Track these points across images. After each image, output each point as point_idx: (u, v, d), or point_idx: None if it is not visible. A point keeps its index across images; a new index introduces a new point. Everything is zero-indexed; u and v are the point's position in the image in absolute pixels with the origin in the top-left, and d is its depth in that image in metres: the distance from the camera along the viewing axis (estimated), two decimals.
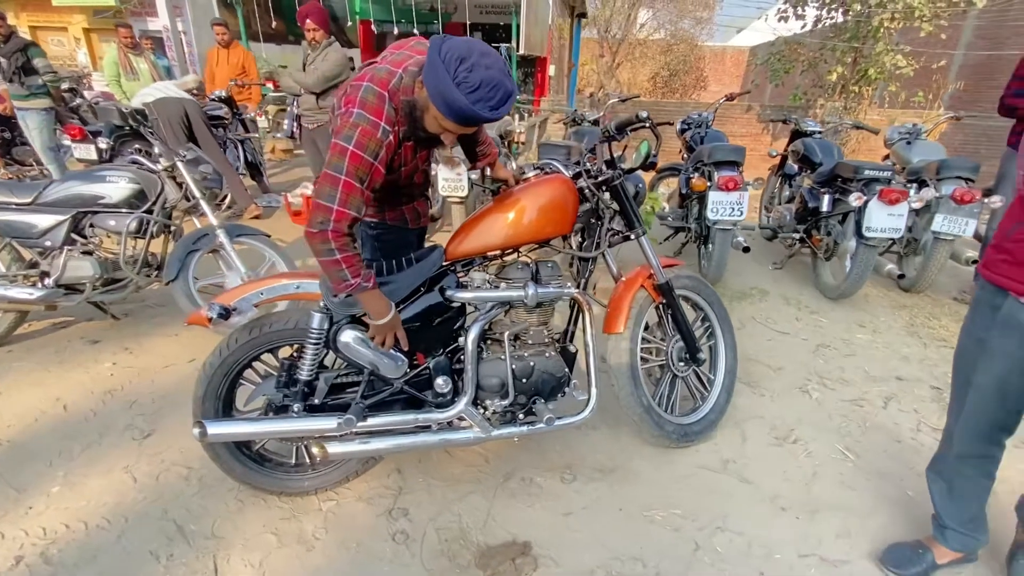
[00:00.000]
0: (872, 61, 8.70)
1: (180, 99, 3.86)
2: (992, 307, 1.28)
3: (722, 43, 23.82)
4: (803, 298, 3.46)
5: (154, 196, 2.56)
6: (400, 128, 1.38)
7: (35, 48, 4.40)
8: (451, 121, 1.29)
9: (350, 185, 1.29)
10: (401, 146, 1.44)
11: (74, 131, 3.77)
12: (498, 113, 1.27)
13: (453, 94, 1.21)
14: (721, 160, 3.06)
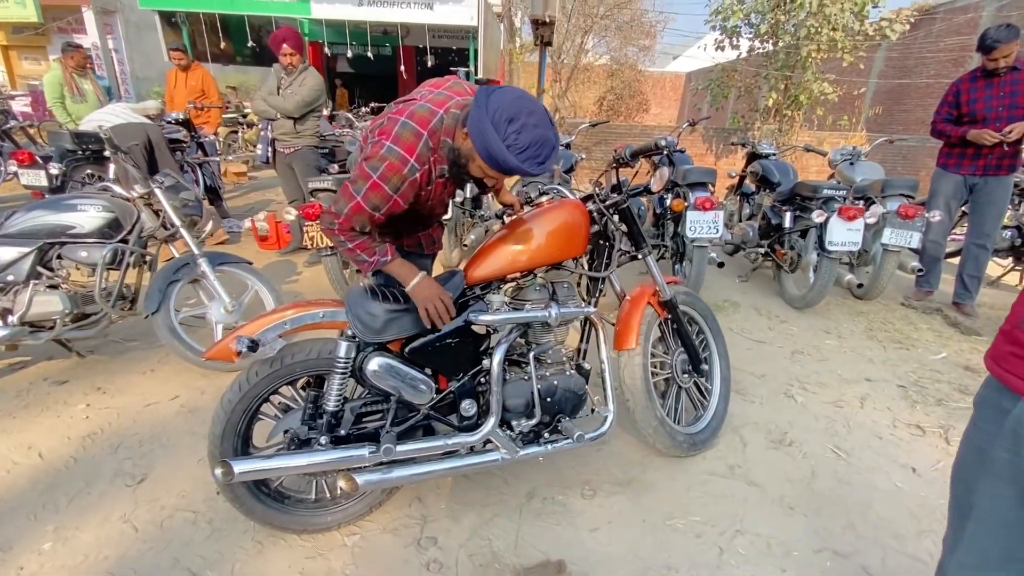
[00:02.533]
0: (801, 88, 9.48)
1: (142, 124, 3.68)
2: (999, 410, 0.92)
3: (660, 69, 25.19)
4: (772, 308, 3.69)
5: (130, 225, 2.42)
6: (436, 166, 1.41)
7: None
8: (494, 170, 1.33)
9: (360, 207, 1.37)
10: (432, 182, 1.46)
11: (22, 156, 3.49)
12: (544, 168, 1.31)
13: (504, 155, 1.24)
14: (694, 182, 3.25)
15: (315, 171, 3.80)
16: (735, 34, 9.87)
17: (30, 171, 3.47)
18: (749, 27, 9.64)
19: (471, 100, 1.36)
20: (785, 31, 8.92)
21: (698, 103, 18.82)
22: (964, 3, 11.26)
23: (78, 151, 3.74)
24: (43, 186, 3.52)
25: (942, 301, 3.86)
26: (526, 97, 1.28)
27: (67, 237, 2.30)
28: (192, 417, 2.18)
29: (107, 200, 2.38)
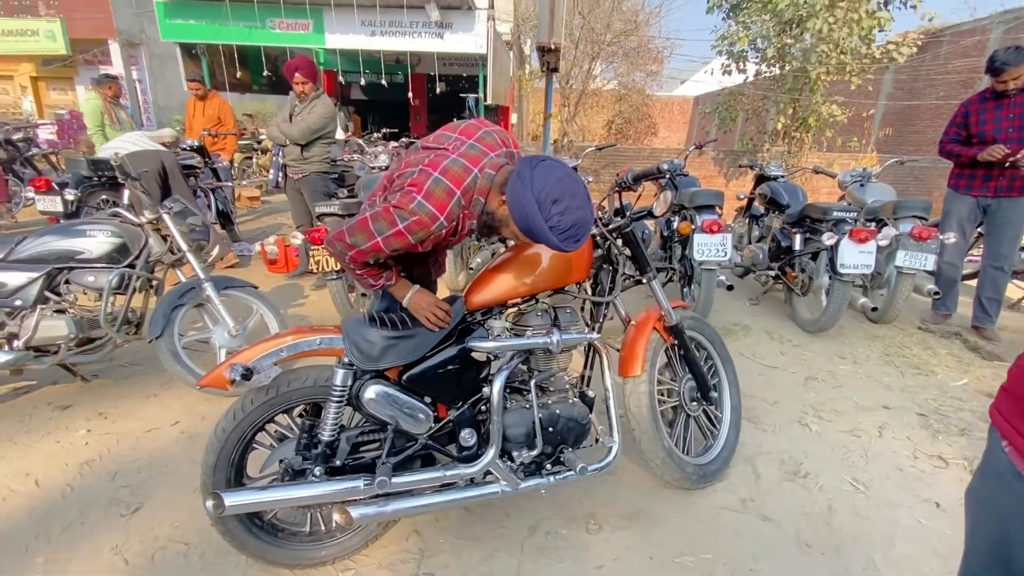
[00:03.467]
0: (810, 111, 9.49)
1: (157, 151, 3.76)
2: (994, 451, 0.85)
3: (668, 93, 25.51)
4: (784, 332, 3.61)
5: (137, 250, 2.44)
6: (465, 221, 1.42)
7: None
8: (535, 239, 1.31)
9: (379, 248, 1.36)
10: (458, 234, 1.46)
11: (39, 183, 3.58)
12: (578, 245, 1.31)
13: (545, 235, 1.25)
14: (701, 204, 3.23)
15: (323, 196, 3.84)
16: (742, 59, 9.96)
17: (46, 197, 3.56)
18: (755, 51, 9.72)
19: (505, 159, 1.43)
20: (792, 55, 8.98)
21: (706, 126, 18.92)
22: (971, 26, 11.29)
23: (93, 177, 3.83)
24: (58, 211, 3.60)
25: (961, 325, 3.75)
26: (570, 177, 1.27)
27: (75, 262, 2.33)
28: (192, 444, 2.15)
29: (116, 226, 2.41)
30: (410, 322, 1.52)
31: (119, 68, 14.88)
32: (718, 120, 11.37)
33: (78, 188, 3.68)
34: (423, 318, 1.50)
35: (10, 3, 14.35)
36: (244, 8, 7.21)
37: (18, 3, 14.56)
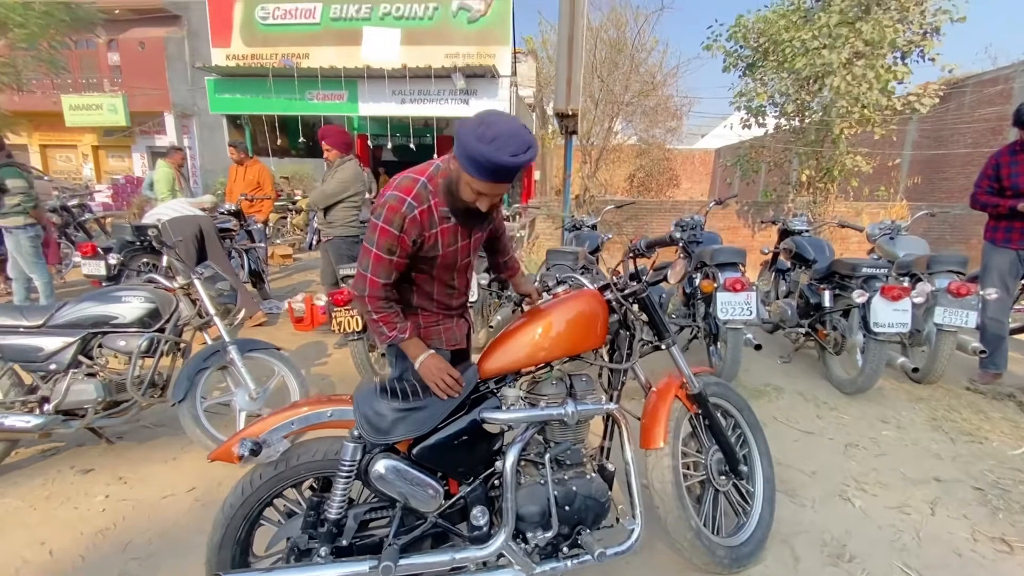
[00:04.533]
0: (834, 161, 9.46)
1: (195, 217, 3.99)
2: None
3: (689, 147, 25.96)
4: (819, 393, 3.42)
5: (168, 314, 2.53)
6: (437, 209, 1.52)
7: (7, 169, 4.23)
8: (480, 180, 1.39)
9: (379, 257, 1.49)
10: (436, 225, 1.54)
11: (86, 248, 3.82)
12: (519, 160, 1.35)
13: (477, 149, 1.33)
14: (724, 262, 3.18)
15: (346, 259, 3.93)
16: (760, 113, 10.12)
17: (91, 262, 3.78)
18: (774, 106, 9.87)
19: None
20: (813, 110, 9.08)
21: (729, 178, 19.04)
22: (993, 75, 11.26)
23: (136, 242, 4.07)
24: (101, 275, 3.81)
25: (1014, 384, 3.50)
26: (498, 111, 1.44)
27: (109, 327, 2.42)
28: (204, 512, 2.12)
29: (149, 291, 2.52)
30: (421, 392, 1.50)
31: (172, 137, 16.18)
32: (740, 172, 11.44)
33: (121, 252, 3.91)
34: (433, 384, 1.50)
35: (79, 81, 15.93)
36: (285, 82, 7.80)
37: (86, 81, 16.16)
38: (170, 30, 15.62)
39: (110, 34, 15.14)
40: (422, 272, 1.66)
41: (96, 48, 15.79)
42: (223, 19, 8.13)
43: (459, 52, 8.09)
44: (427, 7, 7.99)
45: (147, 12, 15.18)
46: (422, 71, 7.69)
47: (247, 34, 8.15)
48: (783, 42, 9.17)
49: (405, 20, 8.04)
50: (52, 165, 17.47)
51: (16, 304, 2.49)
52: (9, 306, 2.43)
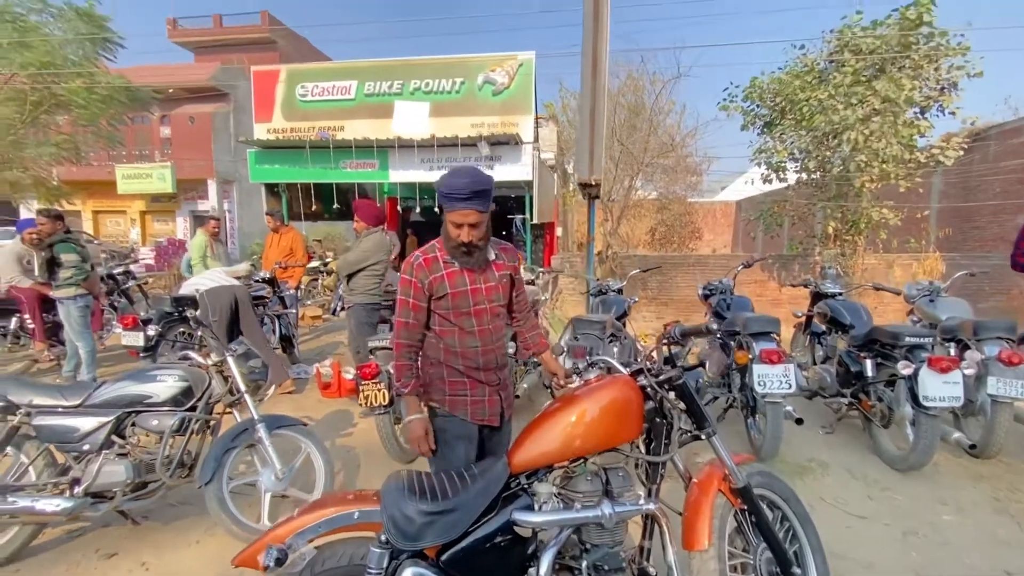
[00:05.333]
0: (859, 214, 9.37)
1: (231, 287, 4.13)
2: None
3: (710, 199, 26.15)
4: (868, 470, 3.20)
5: (200, 392, 2.57)
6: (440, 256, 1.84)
7: (63, 244, 4.49)
8: (448, 209, 1.74)
9: (402, 301, 1.87)
10: (441, 270, 1.83)
11: (127, 321, 3.98)
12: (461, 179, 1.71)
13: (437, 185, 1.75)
14: (757, 331, 3.10)
15: (365, 327, 4.04)
16: (781, 169, 10.18)
17: (131, 333, 3.92)
18: (794, 161, 9.93)
19: None
20: (833, 164, 9.10)
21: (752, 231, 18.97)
22: (1015, 124, 11.18)
23: (174, 313, 4.22)
24: (139, 346, 3.94)
25: None
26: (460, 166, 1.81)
27: (143, 406, 2.46)
28: None
29: (184, 370, 2.57)
30: (450, 490, 1.45)
31: (213, 201, 17.15)
32: (763, 226, 11.38)
33: (159, 323, 4.05)
34: (414, 443, 1.85)
35: (132, 153, 17.20)
36: (321, 153, 8.27)
37: (139, 152, 17.46)
38: (217, 106, 16.91)
39: (163, 110, 16.46)
40: (444, 320, 1.88)
41: (150, 123, 17.13)
42: (266, 98, 8.77)
43: (484, 122, 8.49)
44: (454, 82, 8.49)
45: (197, 91, 16.53)
46: (449, 140, 8.06)
47: (287, 110, 8.75)
48: (800, 101, 9.35)
49: (434, 94, 8.53)
50: (103, 229, 18.61)
51: (57, 385, 2.55)
52: (50, 386, 2.51)
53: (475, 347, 1.87)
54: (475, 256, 1.82)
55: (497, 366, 1.94)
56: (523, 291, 2.14)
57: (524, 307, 2.14)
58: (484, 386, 1.90)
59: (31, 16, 9.60)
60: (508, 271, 1.97)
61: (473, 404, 1.88)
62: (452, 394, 1.88)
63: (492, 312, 1.91)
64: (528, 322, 2.15)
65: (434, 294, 1.83)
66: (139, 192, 16.84)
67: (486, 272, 1.89)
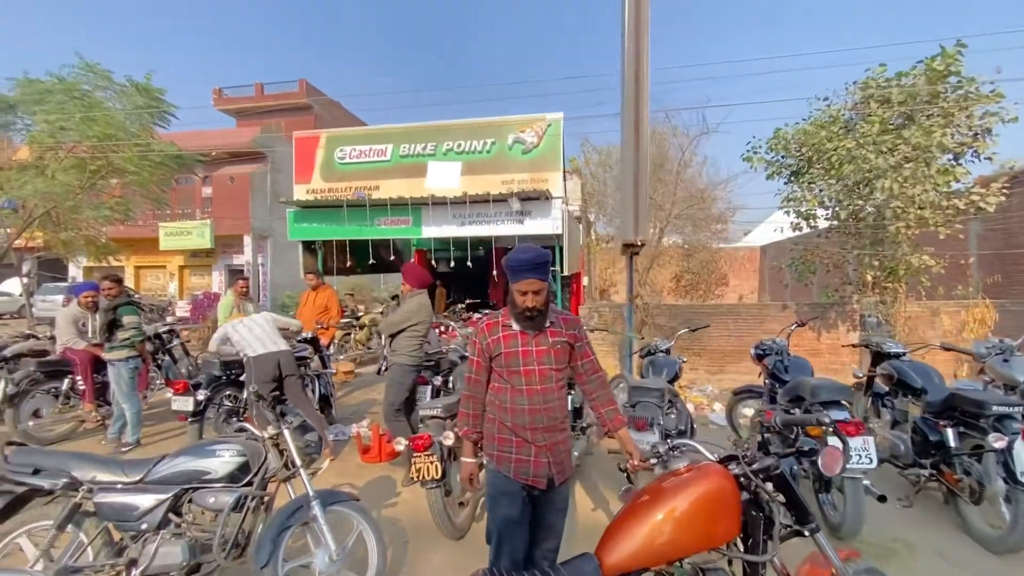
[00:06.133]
0: (898, 261, 9.14)
1: (276, 354, 4.16)
2: None
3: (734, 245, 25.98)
4: (961, 552, 2.92)
5: (256, 467, 2.52)
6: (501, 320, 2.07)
7: (125, 307, 4.65)
8: (513, 280, 1.96)
9: (469, 358, 2.18)
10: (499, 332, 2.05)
11: (178, 386, 4.02)
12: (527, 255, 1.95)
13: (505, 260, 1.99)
14: (827, 399, 2.93)
15: (401, 388, 4.05)
16: (811, 216, 10.09)
17: (181, 398, 3.95)
18: (824, 208, 9.85)
19: None
20: (867, 212, 8.98)
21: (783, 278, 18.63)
22: None
23: (223, 376, 4.25)
24: (188, 411, 3.95)
25: None
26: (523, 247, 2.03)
27: (200, 482, 2.42)
28: None
29: (241, 444, 2.53)
30: None
31: (248, 256, 17.76)
32: (796, 274, 11.16)
33: (209, 387, 4.08)
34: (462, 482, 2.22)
35: (175, 211, 18.10)
36: (357, 211, 8.53)
37: (181, 211, 18.36)
38: (256, 166, 17.84)
39: (206, 172, 17.43)
40: (499, 377, 2.06)
41: (193, 184, 18.11)
42: (306, 160, 9.20)
43: (514, 179, 8.70)
44: (485, 143, 8.80)
45: (239, 153, 17.51)
46: (481, 196, 8.25)
47: (326, 171, 9.14)
48: (827, 151, 9.37)
49: (466, 154, 8.83)
50: (143, 283, 19.36)
51: (118, 459, 2.55)
52: (111, 461, 2.49)
53: (522, 405, 1.98)
54: (537, 320, 2.00)
55: (545, 427, 2.00)
56: (590, 361, 2.14)
57: (591, 378, 2.15)
58: (530, 446, 1.98)
59: (96, 92, 10.43)
60: (565, 339, 2.08)
61: (517, 462, 1.98)
62: (499, 449, 2.04)
63: (541, 374, 2.01)
64: (602, 396, 2.12)
65: (492, 353, 2.05)
66: (179, 248, 17.59)
67: (540, 336, 2.04)
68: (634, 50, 3.55)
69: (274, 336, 4.41)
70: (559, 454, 2.04)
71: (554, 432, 2.03)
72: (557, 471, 2.02)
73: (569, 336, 2.09)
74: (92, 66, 10.26)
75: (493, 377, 2.10)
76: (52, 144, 10.09)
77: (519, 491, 1.99)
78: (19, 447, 2.44)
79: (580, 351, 2.13)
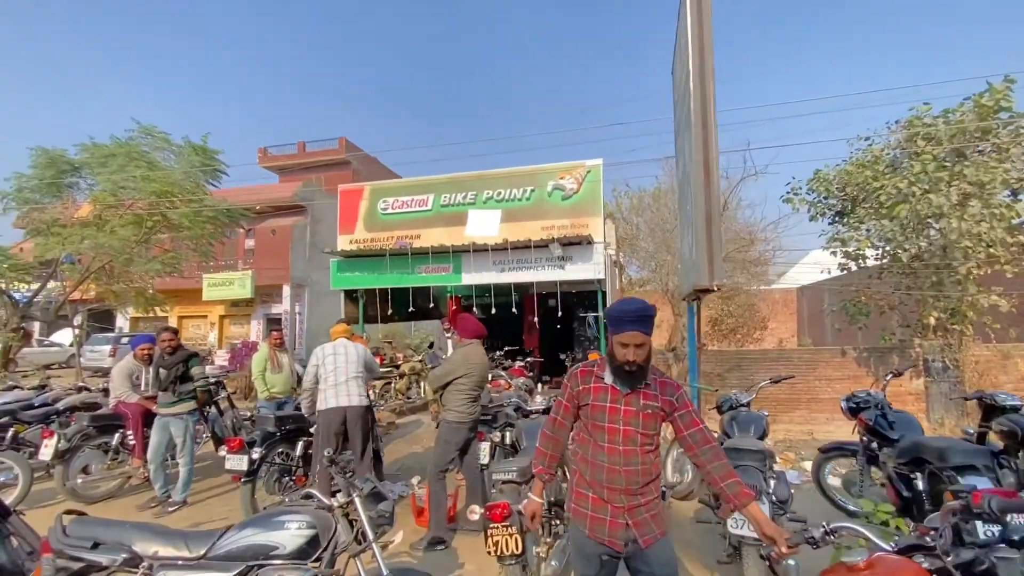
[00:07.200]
0: (964, 303, 8.63)
1: (343, 408, 4.02)
2: None
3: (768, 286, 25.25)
4: None
5: (326, 540, 2.30)
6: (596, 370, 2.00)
7: (196, 359, 4.70)
8: (616, 332, 1.87)
9: (557, 400, 2.13)
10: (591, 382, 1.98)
11: (233, 443, 3.87)
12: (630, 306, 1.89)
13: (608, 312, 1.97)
14: (960, 464, 2.56)
15: (449, 447, 3.83)
16: (860, 257, 9.71)
17: (235, 456, 3.79)
18: (874, 249, 9.48)
19: None
20: (931, 252, 8.55)
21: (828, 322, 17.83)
22: None
23: (277, 433, 4.10)
24: (242, 470, 3.78)
25: None
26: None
27: (267, 559, 2.21)
28: None
29: (311, 515, 2.33)
30: None
31: (286, 305, 18.09)
32: (848, 317, 10.62)
33: (263, 444, 3.92)
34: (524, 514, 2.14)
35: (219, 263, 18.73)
36: (399, 260, 8.58)
37: (225, 263, 18.99)
38: (296, 219, 18.47)
39: (249, 225, 18.13)
40: (584, 427, 2.01)
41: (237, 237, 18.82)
42: (350, 212, 9.40)
43: (554, 224, 8.67)
44: (524, 190, 8.84)
45: (281, 207, 18.21)
46: (521, 243, 8.20)
47: (369, 222, 9.29)
48: (874, 190, 9.09)
49: (505, 202, 8.88)
50: (184, 333, 19.85)
51: (182, 531, 2.37)
52: (174, 533, 2.32)
53: (602, 462, 1.92)
54: (635, 376, 1.89)
55: (623, 489, 1.89)
56: (698, 430, 1.92)
57: (703, 449, 1.91)
58: (607, 505, 1.90)
59: (155, 153, 11.07)
60: (659, 405, 1.93)
61: (592, 520, 1.92)
62: (576, 503, 1.99)
63: (625, 434, 1.91)
64: (718, 468, 1.87)
65: (580, 402, 2.01)
66: (221, 298, 18.06)
67: (631, 396, 1.92)
68: (700, 93, 3.46)
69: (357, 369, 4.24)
70: (640, 515, 1.89)
71: (634, 495, 1.90)
72: (640, 532, 1.88)
73: (664, 403, 1.92)
74: (150, 129, 10.96)
75: (579, 426, 2.07)
76: (113, 202, 10.65)
77: (595, 551, 1.92)
78: (78, 517, 2.30)
79: (685, 420, 1.93)
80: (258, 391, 5.89)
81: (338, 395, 4.06)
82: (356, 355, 4.29)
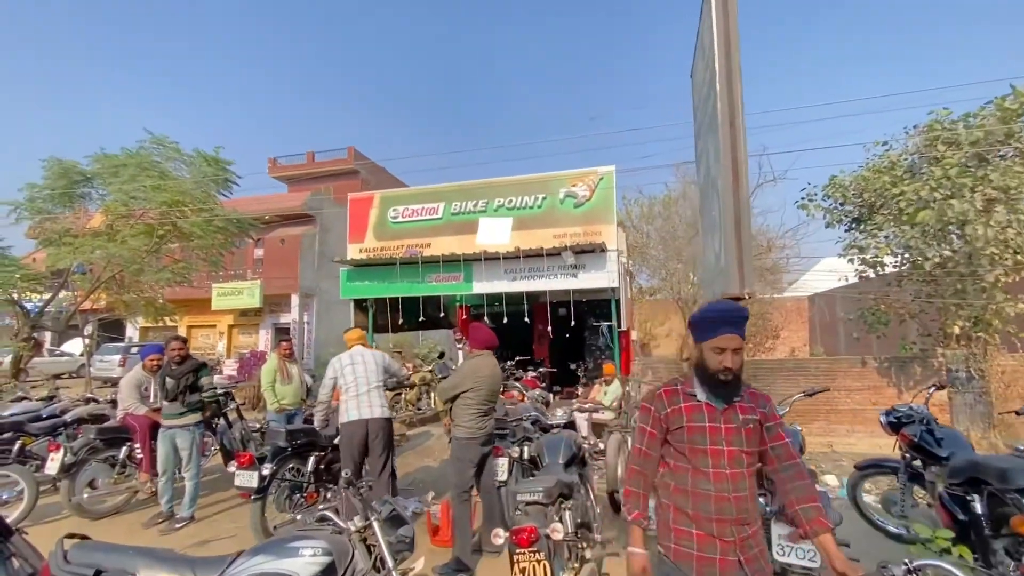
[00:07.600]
0: (990, 311, 8.38)
1: (364, 422, 3.89)
2: None
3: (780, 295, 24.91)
4: None
5: (343, 568, 2.15)
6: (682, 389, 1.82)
7: (205, 369, 4.61)
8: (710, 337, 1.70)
9: (640, 428, 1.88)
10: (680, 402, 1.79)
11: (243, 459, 3.73)
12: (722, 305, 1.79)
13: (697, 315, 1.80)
14: None
15: (462, 464, 3.64)
16: (879, 264, 9.49)
17: (245, 472, 3.65)
18: (893, 256, 9.28)
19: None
20: (956, 260, 8.32)
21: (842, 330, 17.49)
22: None
23: (288, 448, 3.96)
24: (251, 487, 3.64)
25: None
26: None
27: None
28: None
29: (327, 540, 2.18)
30: None
31: (295, 314, 18.05)
32: (866, 325, 10.37)
33: (274, 460, 3.78)
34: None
35: (229, 273, 18.75)
36: (410, 268, 8.46)
37: (234, 272, 19.00)
38: (305, 228, 18.47)
39: (258, 234, 18.16)
40: (679, 454, 1.78)
41: (246, 246, 18.85)
42: (360, 221, 9.33)
43: (567, 232, 8.53)
44: (536, 198, 8.73)
45: (290, 216, 18.23)
46: (533, 251, 8.06)
47: (379, 231, 9.21)
48: (894, 196, 8.90)
49: (517, 210, 8.77)
50: (194, 342, 19.84)
51: (190, 557, 2.22)
52: (181, 559, 2.18)
53: (707, 490, 1.70)
54: (731, 387, 1.73)
55: (734, 519, 1.69)
56: (784, 444, 1.77)
57: (786, 465, 1.77)
58: (715, 541, 1.68)
59: (166, 163, 11.09)
60: (757, 417, 1.77)
61: (700, 561, 1.68)
62: (677, 542, 1.75)
63: (730, 456, 1.72)
64: (799, 488, 1.72)
65: (670, 426, 1.80)
66: (230, 308, 18.04)
67: (728, 412, 1.75)
68: (727, 95, 3.32)
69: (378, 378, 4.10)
70: (751, 550, 1.69)
71: (744, 526, 1.70)
72: (752, 570, 1.67)
73: (760, 415, 1.76)
74: (161, 139, 10.99)
75: (669, 453, 1.83)
76: (125, 212, 10.66)
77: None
78: (80, 541, 2.17)
79: (772, 433, 1.76)
80: (268, 403, 5.78)
81: (360, 406, 3.92)
82: (375, 363, 4.15)
